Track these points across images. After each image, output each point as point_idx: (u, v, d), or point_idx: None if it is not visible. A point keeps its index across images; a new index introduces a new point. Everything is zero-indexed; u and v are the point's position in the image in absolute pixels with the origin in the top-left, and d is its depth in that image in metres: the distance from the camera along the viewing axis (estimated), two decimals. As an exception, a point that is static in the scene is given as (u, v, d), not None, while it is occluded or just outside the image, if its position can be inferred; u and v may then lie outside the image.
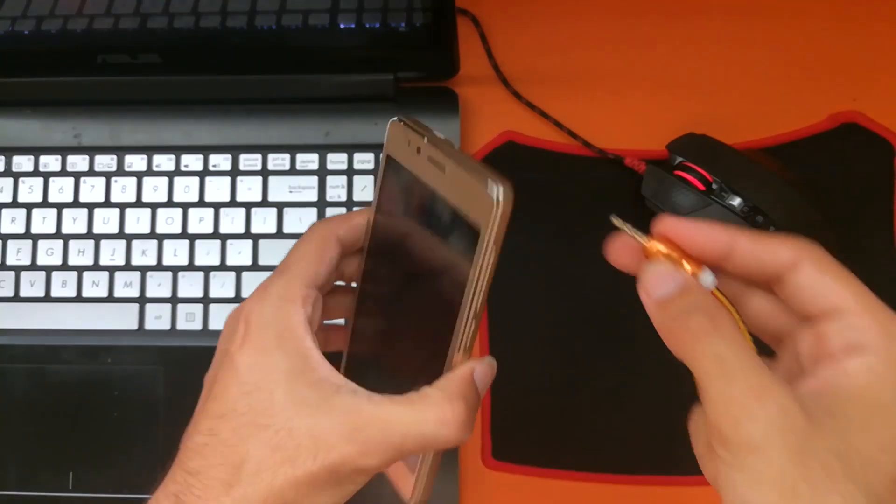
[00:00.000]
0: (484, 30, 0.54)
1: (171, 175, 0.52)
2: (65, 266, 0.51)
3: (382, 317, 0.36)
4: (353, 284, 0.36)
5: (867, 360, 0.25)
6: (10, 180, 0.52)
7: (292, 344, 0.31)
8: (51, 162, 0.52)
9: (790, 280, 0.27)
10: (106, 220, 0.52)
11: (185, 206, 0.51)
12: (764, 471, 0.24)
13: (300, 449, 0.29)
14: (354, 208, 0.51)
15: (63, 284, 0.51)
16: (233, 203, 0.51)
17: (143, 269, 0.51)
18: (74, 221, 0.52)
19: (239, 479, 0.29)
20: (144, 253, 0.51)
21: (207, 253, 0.51)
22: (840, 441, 0.24)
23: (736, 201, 0.46)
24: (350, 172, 0.51)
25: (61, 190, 0.52)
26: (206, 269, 0.51)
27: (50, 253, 0.51)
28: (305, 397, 0.30)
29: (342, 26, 0.48)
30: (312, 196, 0.51)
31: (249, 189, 0.51)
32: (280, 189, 0.51)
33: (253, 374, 0.30)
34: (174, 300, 0.50)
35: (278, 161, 0.52)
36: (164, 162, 0.52)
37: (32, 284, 0.51)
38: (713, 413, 0.25)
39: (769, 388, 0.25)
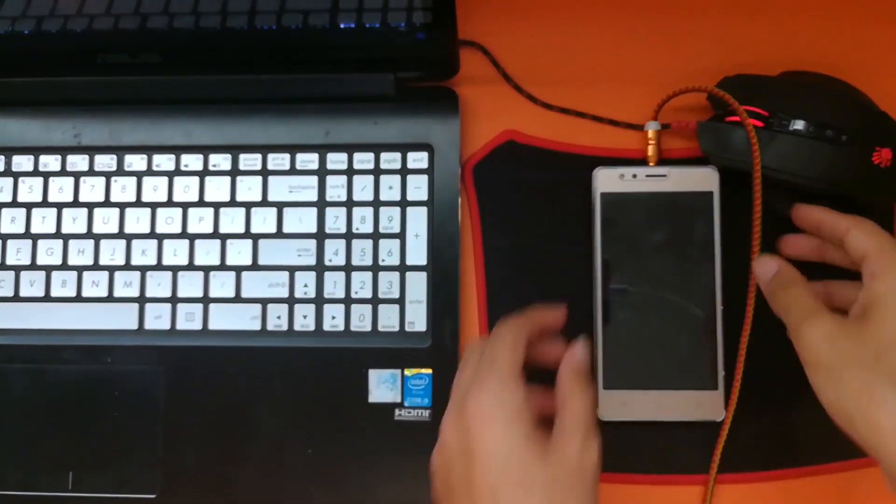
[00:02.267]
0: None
1: (170, 175, 0.52)
2: (65, 266, 0.51)
3: (636, 327, 0.48)
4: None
5: (881, 280, 0.39)
6: (10, 180, 0.52)
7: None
8: (51, 162, 0.52)
9: (846, 241, 0.42)
10: (106, 220, 0.52)
11: (185, 206, 0.51)
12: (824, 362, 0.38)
13: None
14: (354, 208, 0.51)
15: (63, 284, 0.51)
16: (233, 203, 0.51)
17: (143, 269, 0.51)
18: (74, 221, 0.52)
19: None
20: (144, 253, 0.51)
21: (207, 253, 0.51)
22: (871, 335, 0.37)
23: (800, 125, 0.46)
24: (350, 172, 0.51)
25: (61, 190, 0.52)
26: (206, 269, 0.51)
27: (50, 253, 0.51)
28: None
29: (342, 26, 0.48)
30: (312, 196, 0.51)
31: (249, 189, 0.51)
32: (280, 189, 0.51)
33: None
34: (174, 300, 0.50)
35: (278, 161, 0.52)
36: (164, 162, 0.52)
37: (32, 284, 0.51)
38: (792, 338, 0.40)
39: (816, 312, 0.39)
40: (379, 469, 0.48)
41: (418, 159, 0.51)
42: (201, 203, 0.51)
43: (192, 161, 0.52)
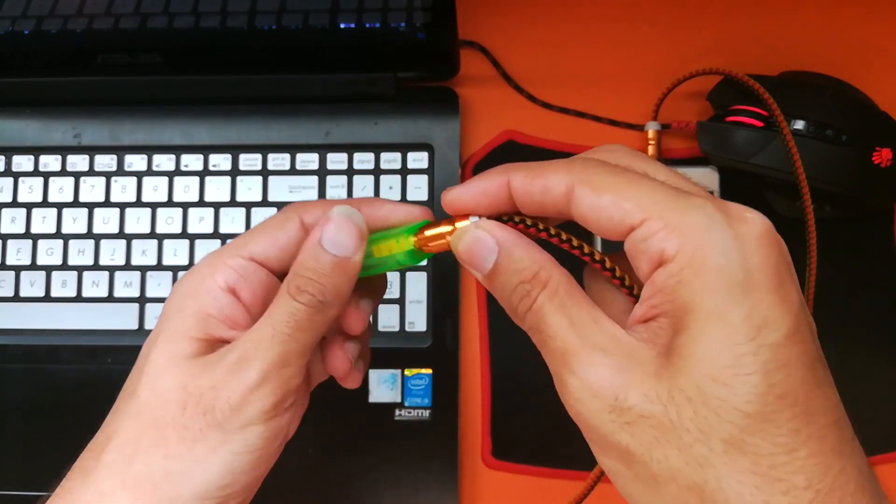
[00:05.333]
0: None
1: (171, 175, 0.52)
2: (65, 266, 0.51)
3: None
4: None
5: (669, 269, 0.22)
6: (10, 180, 0.52)
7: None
8: (51, 162, 0.52)
9: (573, 212, 0.24)
10: (106, 220, 0.52)
11: (185, 206, 0.51)
12: (594, 437, 0.23)
13: None
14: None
15: (63, 284, 0.51)
16: (233, 203, 0.51)
17: (143, 269, 0.51)
18: (74, 221, 0.52)
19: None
20: (144, 253, 0.51)
21: (208, 252, 0.51)
22: (664, 382, 0.21)
23: (800, 124, 0.46)
24: (350, 172, 0.51)
25: (61, 190, 0.52)
26: (206, 269, 0.51)
27: (50, 253, 0.51)
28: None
29: (342, 26, 0.48)
30: (312, 196, 0.51)
31: (249, 189, 0.51)
32: (280, 189, 0.51)
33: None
34: (174, 300, 0.50)
35: (278, 161, 0.52)
36: (164, 162, 0.52)
37: (32, 284, 0.51)
38: (553, 366, 0.24)
39: (575, 351, 0.23)
40: (379, 469, 0.48)
41: (418, 159, 0.51)
42: (201, 203, 0.51)
43: (192, 161, 0.52)
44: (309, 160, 0.51)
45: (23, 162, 0.52)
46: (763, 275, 0.22)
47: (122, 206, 0.52)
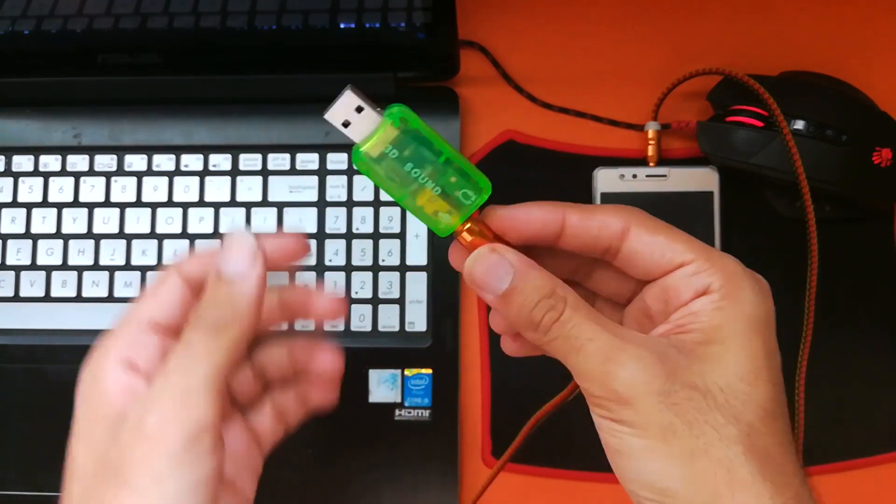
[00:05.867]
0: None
1: (171, 175, 0.52)
2: (65, 266, 0.51)
3: None
4: None
5: (711, 298, 0.27)
6: (10, 180, 0.52)
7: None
8: (51, 162, 0.52)
9: (624, 247, 0.29)
10: (106, 220, 0.52)
11: (185, 206, 0.51)
12: (639, 418, 0.26)
13: None
14: (354, 208, 0.51)
15: (63, 284, 0.51)
16: (233, 203, 0.51)
17: (143, 269, 0.51)
18: (74, 221, 0.52)
19: None
20: (145, 253, 0.51)
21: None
22: (699, 376, 0.26)
23: (800, 124, 0.46)
24: (350, 172, 0.51)
25: (61, 190, 0.52)
26: (206, 269, 0.51)
27: (50, 253, 0.51)
28: None
29: (342, 26, 0.48)
30: (312, 196, 0.51)
31: (249, 189, 0.51)
32: (280, 189, 0.51)
33: None
34: (174, 300, 0.50)
35: (278, 161, 0.52)
36: (164, 162, 0.52)
37: (32, 284, 0.51)
38: (583, 382, 0.27)
39: (622, 347, 0.26)
40: (379, 469, 0.48)
41: (418, 159, 0.51)
42: (201, 203, 0.51)
43: (192, 161, 0.52)
44: (309, 160, 0.51)
45: (23, 162, 0.52)
46: (772, 319, 0.28)
47: (122, 206, 0.52)
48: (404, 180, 0.27)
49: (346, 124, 0.28)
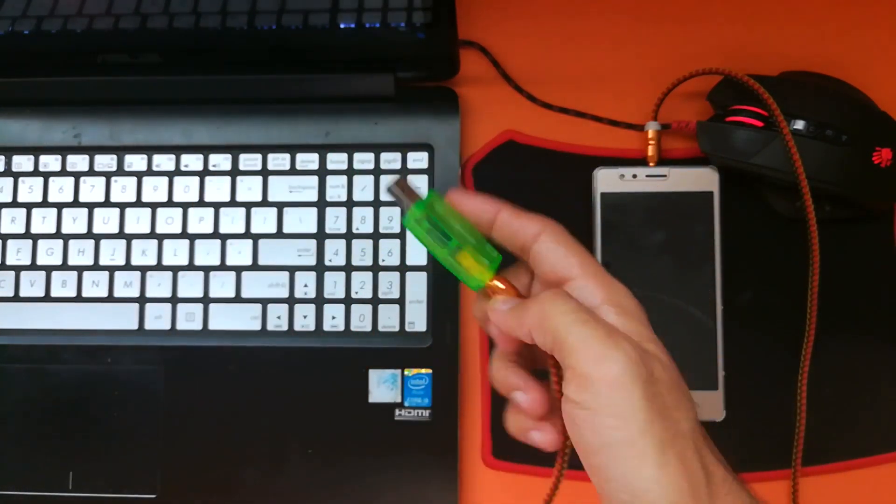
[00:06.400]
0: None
1: (171, 175, 0.52)
2: (65, 266, 0.51)
3: None
4: None
5: (600, 309, 0.31)
6: (10, 180, 0.52)
7: None
8: (51, 162, 0.52)
9: (533, 249, 0.33)
10: (106, 220, 0.52)
11: (185, 206, 0.51)
12: (623, 403, 0.29)
13: None
14: (354, 208, 0.51)
15: (63, 284, 0.51)
16: (233, 203, 0.51)
17: (143, 269, 0.51)
18: (74, 221, 0.52)
19: None
20: (144, 253, 0.51)
21: (207, 253, 0.51)
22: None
23: (800, 124, 0.46)
24: (350, 172, 0.51)
25: (61, 190, 0.52)
26: (206, 269, 0.51)
27: (50, 253, 0.51)
28: None
29: (342, 26, 0.48)
30: (312, 196, 0.51)
31: (249, 189, 0.51)
32: (280, 189, 0.51)
33: None
34: (174, 300, 0.50)
35: (278, 161, 0.52)
36: (164, 162, 0.52)
37: (32, 284, 0.51)
38: (575, 362, 0.30)
39: (617, 335, 0.30)
40: (379, 469, 0.48)
41: (418, 159, 0.51)
42: (201, 203, 0.51)
43: (192, 161, 0.52)
44: (309, 160, 0.51)
45: (23, 162, 0.52)
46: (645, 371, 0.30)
47: (122, 206, 0.52)
48: (440, 242, 0.34)
49: (398, 201, 0.35)
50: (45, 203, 0.52)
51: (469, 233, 0.34)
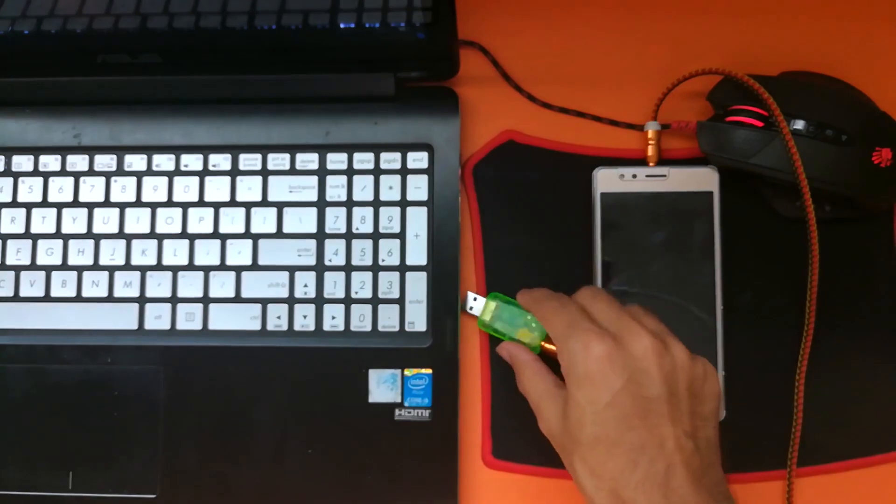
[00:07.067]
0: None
1: (170, 175, 0.52)
2: (65, 266, 0.51)
3: None
4: None
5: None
6: (10, 180, 0.52)
7: None
8: (51, 162, 0.52)
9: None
10: (106, 220, 0.52)
11: (185, 206, 0.51)
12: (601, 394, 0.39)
13: None
14: (354, 208, 0.51)
15: (63, 284, 0.51)
16: (233, 203, 0.51)
17: (143, 269, 0.51)
18: (74, 221, 0.52)
19: None
20: (144, 253, 0.51)
21: (207, 253, 0.51)
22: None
23: (800, 124, 0.46)
24: (350, 172, 0.51)
25: (61, 190, 0.52)
26: (206, 269, 0.51)
27: (50, 253, 0.51)
28: None
29: (342, 26, 0.48)
30: (312, 196, 0.51)
31: (249, 189, 0.51)
32: (280, 189, 0.51)
33: None
34: (174, 300, 0.50)
35: (278, 161, 0.52)
36: (164, 162, 0.52)
37: (32, 284, 0.51)
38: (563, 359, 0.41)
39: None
40: (379, 469, 0.48)
41: (418, 159, 0.51)
42: (201, 203, 0.51)
43: (192, 161, 0.52)
44: (309, 160, 0.51)
45: (23, 162, 0.52)
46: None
47: (122, 206, 0.52)
48: (510, 327, 0.47)
49: (471, 308, 0.49)
50: (44, 203, 0.52)
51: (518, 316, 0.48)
